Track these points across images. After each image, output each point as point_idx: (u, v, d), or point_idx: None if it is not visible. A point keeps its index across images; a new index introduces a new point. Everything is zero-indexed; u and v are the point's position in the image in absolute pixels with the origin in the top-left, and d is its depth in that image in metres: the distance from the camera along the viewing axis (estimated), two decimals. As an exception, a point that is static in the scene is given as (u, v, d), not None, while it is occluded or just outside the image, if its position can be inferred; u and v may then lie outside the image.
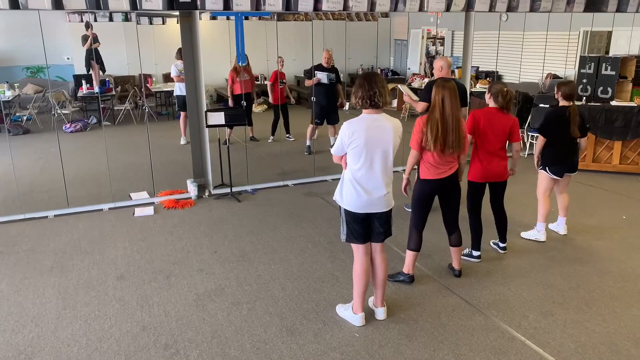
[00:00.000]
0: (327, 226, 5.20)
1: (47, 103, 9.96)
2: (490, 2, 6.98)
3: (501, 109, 4.16)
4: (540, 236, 4.83)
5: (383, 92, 3.15)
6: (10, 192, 6.00)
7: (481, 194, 4.34)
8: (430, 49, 12.88)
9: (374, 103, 3.15)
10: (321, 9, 5.89)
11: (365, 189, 3.22)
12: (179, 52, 8.38)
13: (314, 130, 7.88)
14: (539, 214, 4.83)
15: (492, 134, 4.15)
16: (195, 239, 4.96)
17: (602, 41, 9.53)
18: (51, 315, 3.66)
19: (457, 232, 4.06)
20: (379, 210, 3.30)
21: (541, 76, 9.29)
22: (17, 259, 4.56)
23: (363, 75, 3.23)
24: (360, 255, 3.40)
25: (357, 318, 3.50)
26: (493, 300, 3.83)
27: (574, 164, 4.72)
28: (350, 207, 3.28)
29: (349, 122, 3.19)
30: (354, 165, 3.21)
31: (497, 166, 4.23)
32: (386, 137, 3.18)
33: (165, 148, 8.05)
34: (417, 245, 3.95)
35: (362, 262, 3.40)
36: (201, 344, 3.31)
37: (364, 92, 3.14)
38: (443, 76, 5.42)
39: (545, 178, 4.76)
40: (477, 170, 4.25)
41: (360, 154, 3.16)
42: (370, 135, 3.14)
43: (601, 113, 6.87)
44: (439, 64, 5.37)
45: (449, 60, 5.44)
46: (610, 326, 3.50)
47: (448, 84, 3.67)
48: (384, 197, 3.28)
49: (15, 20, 10.21)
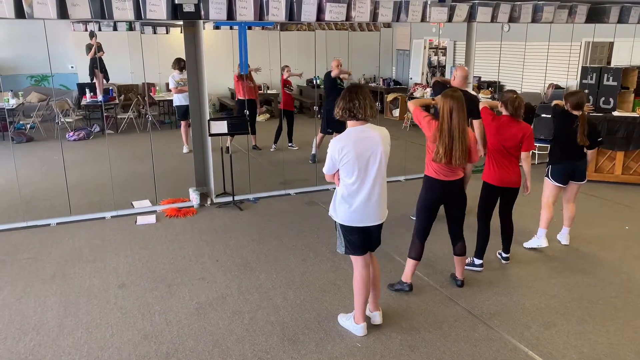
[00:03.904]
0: (329, 235, 5.20)
1: (50, 111, 9.99)
2: (492, 13, 7.02)
3: (512, 117, 4.18)
4: (541, 242, 4.81)
5: (364, 104, 3.12)
6: (13, 199, 6.01)
7: (494, 200, 4.34)
8: (432, 59, 12.92)
9: (352, 114, 3.15)
10: (324, 19, 5.93)
11: (360, 202, 3.21)
12: (176, 62, 8.45)
13: (322, 139, 7.87)
14: (541, 220, 4.81)
15: (505, 142, 4.17)
16: (197, 247, 4.96)
17: (604, 52, 9.55)
18: (53, 323, 3.65)
19: (461, 241, 4.04)
20: (374, 222, 3.30)
21: (543, 86, 9.31)
22: (19, 267, 4.56)
23: (348, 88, 3.24)
24: (359, 266, 3.39)
25: (359, 328, 3.49)
26: (495, 310, 3.81)
27: (580, 171, 4.70)
28: (345, 222, 3.28)
29: (336, 138, 3.20)
30: (348, 179, 3.19)
31: (510, 172, 4.24)
32: (376, 146, 3.17)
33: (167, 156, 8.07)
34: (418, 254, 3.93)
35: (362, 274, 3.40)
36: (202, 353, 3.30)
37: (344, 104, 3.16)
38: (456, 85, 5.44)
39: (549, 186, 4.75)
40: (492, 173, 4.25)
41: (353, 168, 3.15)
42: (360, 147, 3.14)
43: (603, 124, 6.87)
44: (453, 73, 5.36)
45: (465, 70, 5.42)
46: (613, 337, 3.48)
47: (456, 94, 3.65)
48: (379, 210, 3.28)
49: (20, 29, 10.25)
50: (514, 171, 4.26)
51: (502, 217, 4.47)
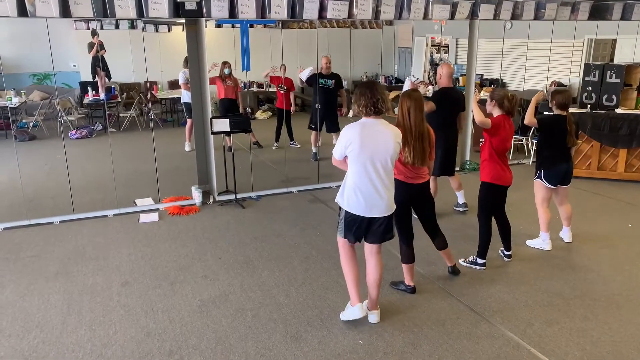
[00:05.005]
0: (331, 233, 5.19)
1: (53, 110, 10.01)
2: (495, 10, 7.00)
3: (507, 114, 4.17)
4: (545, 245, 4.81)
5: (385, 98, 3.22)
6: (16, 198, 6.03)
7: (499, 199, 4.34)
8: (434, 56, 12.90)
9: (377, 110, 3.21)
10: (326, 17, 5.92)
11: (366, 193, 3.25)
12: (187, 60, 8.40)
13: (316, 136, 7.89)
14: (541, 223, 4.81)
15: (508, 140, 4.20)
16: (199, 245, 4.97)
17: (607, 49, 9.52)
18: (56, 321, 3.67)
19: (440, 236, 4.10)
20: (379, 214, 3.32)
21: (545, 84, 9.30)
22: (22, 264, 4.57)
23: (365, 84, 3.30)
24: (344, 247, 3.48)
25: (355, 310, 3.51)
26: (498, 308, 3.81)
27: (569, 173, 4.71)
28: (351, 210, 3.31)
29: (349, 126, 3.25)
30: (354, 168, 3.24)
31: (509, 171, 4.27)
32: (385, 142, 3.21)
33: (170, 155, 8.08)
34: (408, 258, 3.92)
35: (345, 251, 3.49)
36: (205, 351, 3.31)
37: (367, 100, 3.19)
38: (443, 85, 5.49)
39: (541, 187, 4.74)
40: (499, 173, 4.22)
41: (360, 158, 3.19)
42: (370, 140, 3.18)
43: (606, 121, 6.86)
44: (438, 72, 5.46)
45: (451, 68, 5.48)
46: (616, 335, 3.48)
47: (414, 94, 3.70)
48: (385, 202, 3.29)
49: (22, 27, 10.29)
50: (509, 169, 4.29)
51: (499, 216, 4.47)
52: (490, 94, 4.31)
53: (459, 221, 5.42)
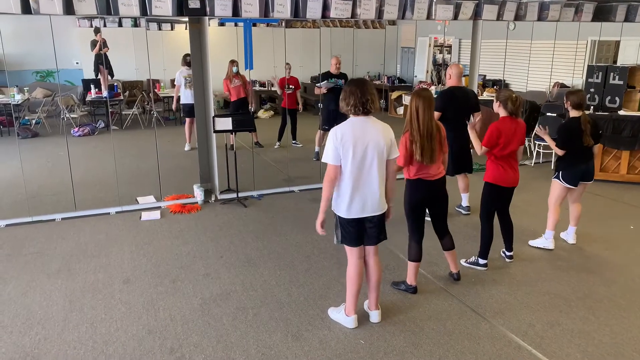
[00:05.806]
0: (332, 232, 5.19)
1: (56, 107, 10.03)
2: (498, 10, 7.00)
3: (511, 115, 4.16)
4: (548, 244, 4.80)
5: (374, 98, 3.20)
6: (18, 195, 6.04)
7: (502, 201, 4.33)
8: (437, 57, 12.90)
9: (366, 110, 3.18)
10: (329, 17, 5.92)
11: (358, 192, 3.23)
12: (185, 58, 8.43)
13: (322, 136, 7.88)
14: (549, 222, 4.80)
15: (512, 143, 4.15)
16: (201, 243, 4.97)
17: (610, 51, 9.51)
18: (58, 317, 3.67)
19: (448, 235, 4.08)
20: (372, 213, 3.31)
21: (549, 85, 9.28)
22: (24, 261, 4.58)
23: (355, 82, 3.24)
24: (353, 258, 3.43)
25: (349, 320, 3.51)
26: (499, 308, 3.81)
27: (589, 172, 4.68)
28: (343, 214, 3.30)
29: (336, 127, 3.22)
30: (346, 167, 3.20)
31: (516, 172, 4.26)
32: (376, 139, 3.19)
33: (172, 153, 8.09)
34: (416, 256, 3.92)
35: (355, 265, 3.43)
36: (206, 349, 3.31)
37: (356, 100, 3.16)
38: (453, 84, 5.45)
39: (559, 187, 4.72)
40: (503, 175, 4.22)
41: (351, 156, 3.16)
42: (360, 138, 3.16)
43: (609, 123, 6.84)
44: (448, 72, 5.43)
45: (461, 68, 5.45)
46: (618, 337, 3.47)
47: (423, 93, 3.68)
48: (377, 200, 3.28)
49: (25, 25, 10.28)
50: (517, 170, 4.27)
51: (502, 216, 4.46)
52: (495, 94, 4.31)
53: (460, 222, 5.44)
